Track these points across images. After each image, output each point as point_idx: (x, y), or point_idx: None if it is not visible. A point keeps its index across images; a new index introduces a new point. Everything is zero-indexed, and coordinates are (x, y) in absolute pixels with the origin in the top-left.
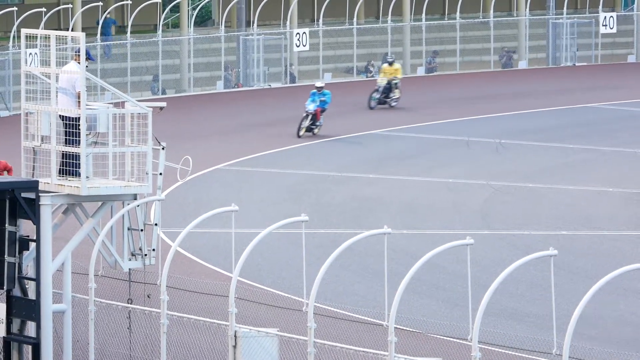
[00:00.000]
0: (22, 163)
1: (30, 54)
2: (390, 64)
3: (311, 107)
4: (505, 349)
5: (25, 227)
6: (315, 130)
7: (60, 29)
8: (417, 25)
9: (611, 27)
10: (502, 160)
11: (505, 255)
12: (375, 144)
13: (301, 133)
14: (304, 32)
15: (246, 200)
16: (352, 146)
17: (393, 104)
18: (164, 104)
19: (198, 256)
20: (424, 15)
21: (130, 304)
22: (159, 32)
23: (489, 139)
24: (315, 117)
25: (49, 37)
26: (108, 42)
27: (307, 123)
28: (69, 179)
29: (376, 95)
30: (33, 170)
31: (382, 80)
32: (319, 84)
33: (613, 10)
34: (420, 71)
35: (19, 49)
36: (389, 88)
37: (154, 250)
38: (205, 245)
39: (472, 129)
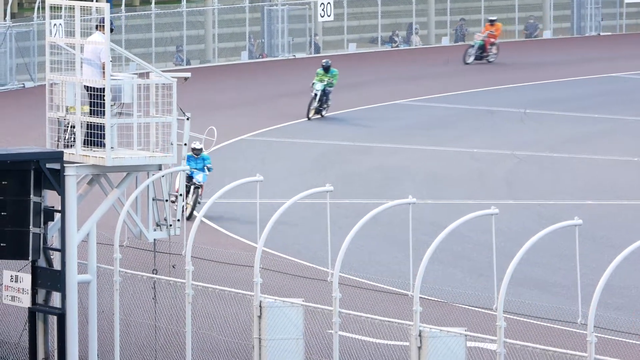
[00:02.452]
0: (47, 134)
1: (55, 24)
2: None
3: (200, 177)
4: (530, 319)
5: (50, 198)
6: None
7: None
8: None
9: None
10: (526, 130)
11: (530, 224)
12: (399, 114)
13: (187, 212)
14: (329, 2)
15: (271, 171)
16: (376, 116)
17: None
18: (188, 74)
19: (223, 226)
20: None
21: (155, 274)
22: (184, 2)
23: (513, 108)
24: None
25: (74, 8)
26: (133, 13)
27: (191, 200)
28: (93, 149)
29: None
30: (58, 141)
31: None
32: (197, 145)
33: None
34: (445, 41)
35: (44, 19)
36: None
37: (178, 220)
38: (230, 216)
39: (497, 98)
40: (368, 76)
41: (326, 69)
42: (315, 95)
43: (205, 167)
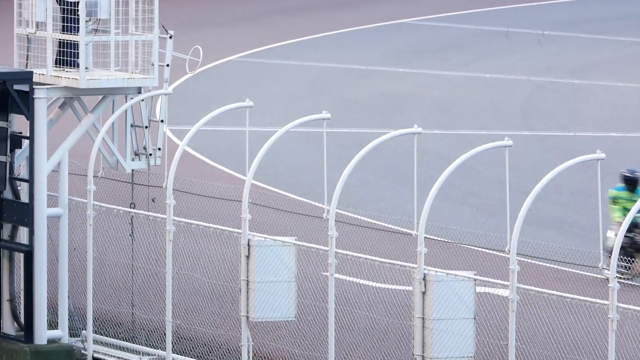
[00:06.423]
0: (15, 52)
1: None
2: None
3: None
4: (547, 262)
5: (18, 122)
6: None
7: None
8: None
9: None
10: (545, 54)
11: (548, 158)
12: (404, 35)
13: None
14: None
15: (262, 96)
16: (379, 36)
17: None
18: None
19: (208, 157)
20: None
21: (133, 208)
22: None
23: (530, 29)
24: None
25: None
26: None
27: None
28: (66, 69)
29: None
30: (27, 60)
31: None
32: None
33: None
34: None
35: None
36: None
37: (159, 149)
38: (217, 145)
39: (512, 18)
40: None
41: (634, 182)
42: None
43: None
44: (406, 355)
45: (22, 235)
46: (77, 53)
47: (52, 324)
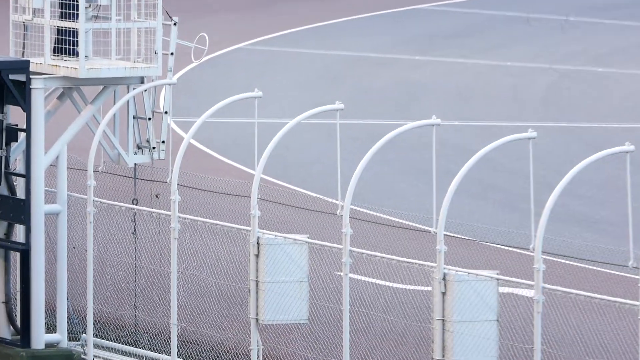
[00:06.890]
0: (11, 40)
1: None
2: None
3: None
4: (573, 261)
5: (14, 114)
6: None
7: None
8: None
9: None
10: (568, 40)
11: (573, 150)
12: (421, 21)
13: None
14: None
15: (271, 85)
16: (394, 23)
17: None
18: None
19: (215, 150)
20: None
21: (136, 204)
22: None
23: (553, 15)
24: None
25: None
26: None
27: None
28: (65, 58)
29: None
30: (23, 48)
31: None
32: None
33: None
34: None
35: None
36: None
37: (163, 142)
38: (224, 138)
39: (534, 3)
40: None
41: None
42: None
43: None
44: (425, 359)
45: (19, 233)
46: (77, 41)
47: (50, 327)
